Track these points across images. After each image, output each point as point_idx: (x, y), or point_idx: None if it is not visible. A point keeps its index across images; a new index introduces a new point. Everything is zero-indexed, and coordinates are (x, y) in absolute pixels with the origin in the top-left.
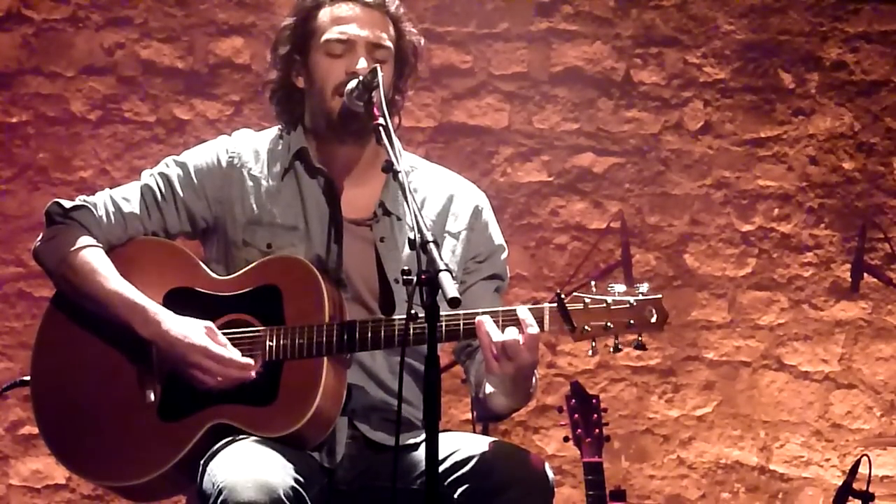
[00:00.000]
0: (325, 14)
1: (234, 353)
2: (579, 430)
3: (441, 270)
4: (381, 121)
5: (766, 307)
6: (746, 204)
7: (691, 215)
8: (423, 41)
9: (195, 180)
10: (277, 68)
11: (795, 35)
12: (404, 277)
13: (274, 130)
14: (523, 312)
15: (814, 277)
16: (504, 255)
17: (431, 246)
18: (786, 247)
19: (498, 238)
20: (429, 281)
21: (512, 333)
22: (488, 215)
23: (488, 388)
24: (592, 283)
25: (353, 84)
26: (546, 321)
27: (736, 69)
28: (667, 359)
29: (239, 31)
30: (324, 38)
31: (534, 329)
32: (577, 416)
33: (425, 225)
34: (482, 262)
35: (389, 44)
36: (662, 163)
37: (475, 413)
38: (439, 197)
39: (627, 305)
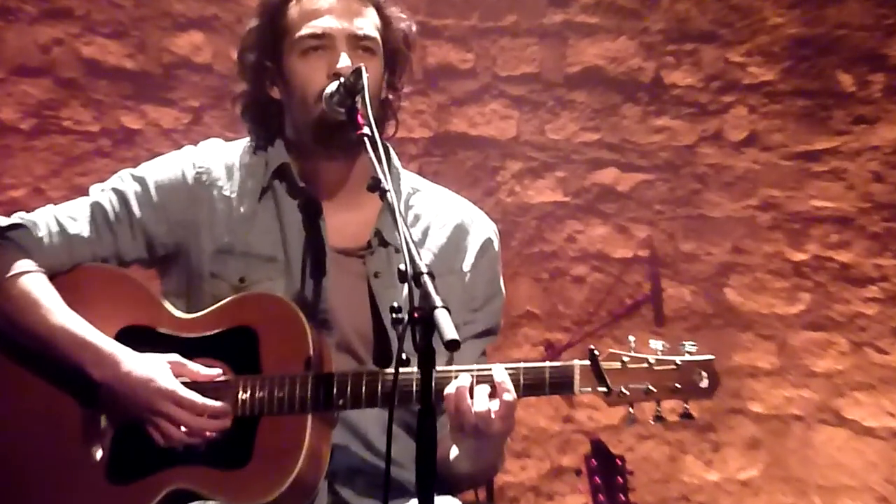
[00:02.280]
0: (294, 9)
1: (207, 399)
2: (601, 497)
3: (438, 308)
4: (366, 130)
5: (823, 351)
6: (798, 229)
7: (733, 242)
8: (414, 28)
9: (155, 199)
10: (247, 79)
11: (856, 29)
12: (394, 316)
13: (246, 141)
14: (500, 374)
15: (879, 316)
16: (501, 304)
17: (426, 278)
18: (845, 279)
19: (499, 281)
20: (423, 319)
21: (483, 402)
22: (495, 252)
23: (453, 452)
24: (631, 340)
25: (332, 87)
26: (576, 381)
27: (786, 69)
28: (705, 412)
29: (198, 25)
30: (297, 36)
31: (510, 396)
32: (598, 480)
33: (418, 252)
34: (477, 309)
35: (375, 33)
36: (699, 180)
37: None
38: (446, 226)
39: (673, 366)
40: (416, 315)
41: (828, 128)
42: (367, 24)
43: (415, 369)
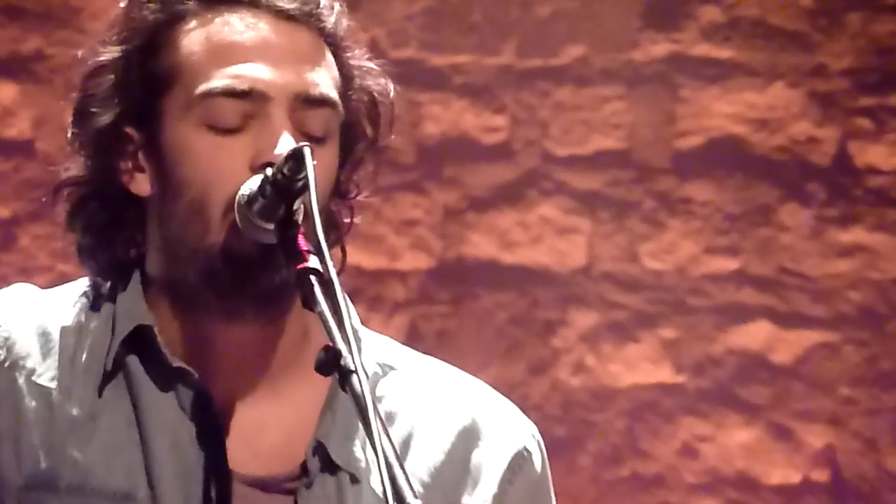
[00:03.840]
0: (189, 37)
1: None
2: None
3: None
4: (313, 263)
5: None
6: None
7: None
8: (389, 85)
9: None
10: (86, 154)
11: None
12: None
13: (80, 286)
14: None
15: None
16: None
17: None
18: None
19: None
20: None
21: None
22: (537, 475)
23: None
24: None
25: (252, 185)
26: None
27: None
28: None
29: (9, 70)
30: (197, 90)
31: None
32: None
33: (409, 483)
34: None
35: (336, 96)
36: None
37: None
38: (443, 431)
39: None
40: None
41: None
42: (325, 77)
43: None
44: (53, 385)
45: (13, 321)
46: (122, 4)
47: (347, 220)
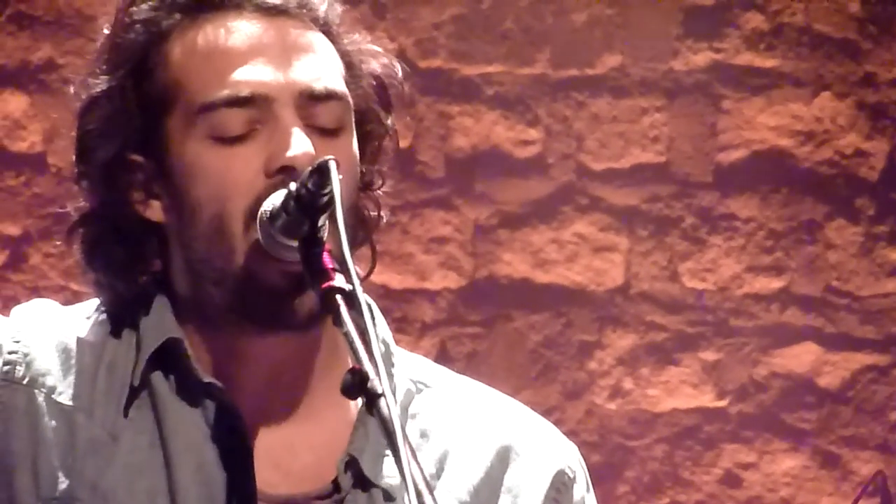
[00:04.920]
0: (186, 47)
1: None
2: None
3: None
4: (338, 282)
5: None
6: None
7: None
8: (396, 64)
9: None
10: (95, 190)
11: None
12: None
13: (101, 306)
14: None
15: None
16: None
17: None
18: None
19: None
20: None
21: None
22: (579, 497)
23: None
24: None
25: (275, 201)
26: None
27: None
28: None
29: (17, 80)
30: (198, 103)
31: None
32: None
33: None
34: None
35: (342, 86)
36: None
37: None
38: (480, 450)
39: None
40: None
41: None
42: (327, 69)
43: None
44: (74, 404)
45: (33, 337)
46: (105, 31)
47: (375, 214)
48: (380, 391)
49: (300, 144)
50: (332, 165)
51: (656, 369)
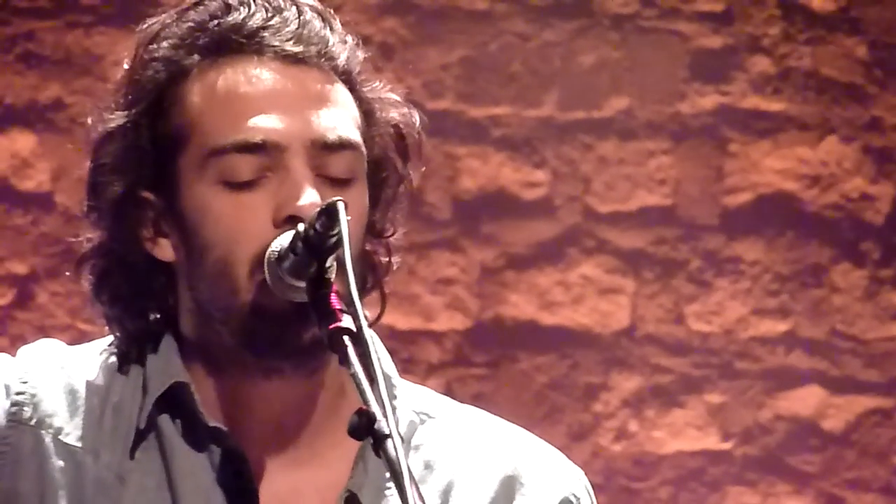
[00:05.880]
0: (203, 89)
1: None
2: None
3: None
4: (345, 323)
5: None
6: None
7: None
8: (414, 114)
9: None
10: (106, 227)
11: None
12: None
13: (108, 343)
14: None
15: None
16: None
17: None
18: None
19: None
20: None
21: None
22: None
23: None
24: None
25: (283, 242)
26: None
27: None
28: None
29: (25, 121)
30: (210, 146)
31: None
32: None
33: None
34: None
35: (356, 135)
36: None
37: None
38: (484, 480)
39: None
40: None
41: None
42: (342, 118)
43: None
44: (81, 445)
45: (40, 378)
46: (125, 66)
47: (385, 259)
48: (387, 432)
49: (309, 195)
50: (341, 206)
51: (661, 411)
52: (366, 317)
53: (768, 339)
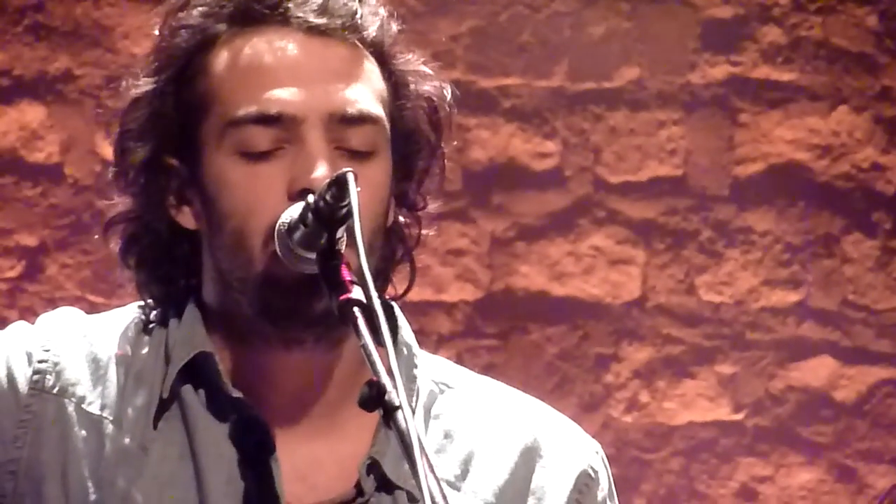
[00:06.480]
0: (226, 59)
1: None
2: None
3: None
4: (356, 294)
5: None
6: None
7: None
8: (447, 87)
9: None
10: (133, 193)
11: None
12: None
13: (129, 312)
14: None
15: None
16: None
17: None
18: None
19: None
20: None
21: None
22: (604, 489)
23: None
24: None
25: (290, 214)
26: None
27: None
28: None
29: (34, 92)
30: (228, 117)
31: None
32: None
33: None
34: None
35: (377, 108)
36: None
37: None
38: (505, 450)
39: None
40: None
41: None
42: (363, 92)
43: None
44: (104, 414)
45: (62, 346)
46: (155, 32)
47: (414, 235)
48: (397, 403)
49: (322, 168)
50: (351, 177)
51: (673, 382)
52: (395, 292)
53: (780, 310)
